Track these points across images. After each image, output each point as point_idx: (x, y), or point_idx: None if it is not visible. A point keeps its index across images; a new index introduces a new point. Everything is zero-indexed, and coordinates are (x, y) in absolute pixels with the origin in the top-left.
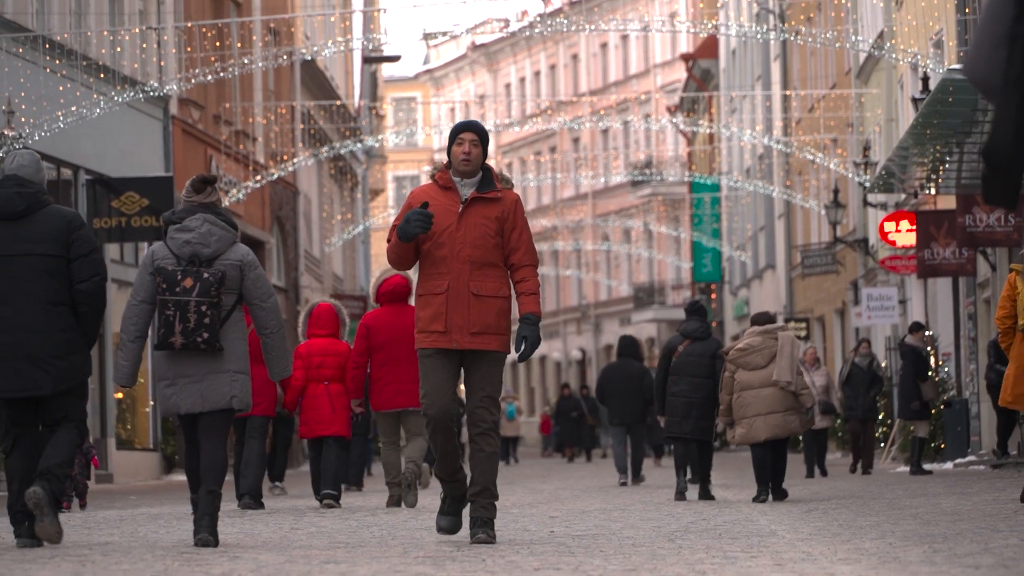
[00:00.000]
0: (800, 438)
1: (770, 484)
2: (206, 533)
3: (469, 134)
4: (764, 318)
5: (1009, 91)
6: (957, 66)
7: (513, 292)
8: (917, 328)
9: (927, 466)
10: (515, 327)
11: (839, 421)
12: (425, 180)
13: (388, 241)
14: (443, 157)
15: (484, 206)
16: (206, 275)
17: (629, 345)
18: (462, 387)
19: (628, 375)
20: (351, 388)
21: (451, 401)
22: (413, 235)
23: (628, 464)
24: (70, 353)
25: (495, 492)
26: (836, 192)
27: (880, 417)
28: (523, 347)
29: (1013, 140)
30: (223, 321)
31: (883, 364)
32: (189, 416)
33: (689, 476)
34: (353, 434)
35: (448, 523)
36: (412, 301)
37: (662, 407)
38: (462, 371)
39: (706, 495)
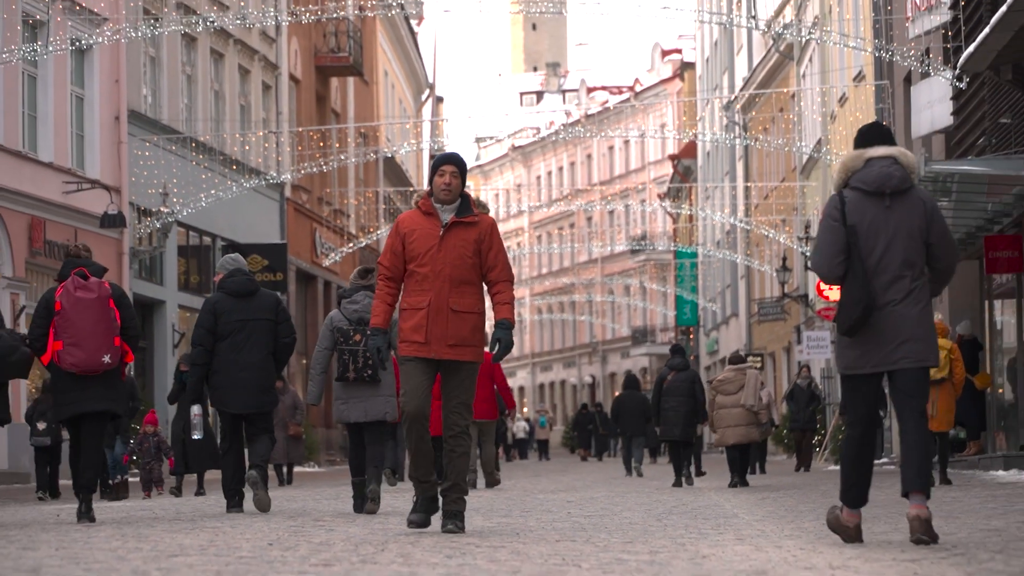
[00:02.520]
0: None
1: (739, 474)
2: (372, 503)
3: (450, 166)
4: (737, 358)
5: (850, 280)
6: None
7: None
8: None
9: (834, 467)
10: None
11: (784, 431)
12: None
13: (380, 268)
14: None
15: (463, 229)
16: (369, 333)
17: (633, 380)
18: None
19: (634, 401)
20: None
21: (427, 401)
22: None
23: (635, 460)
24: (272, 386)
25: (465, 487)
26: (784, 259)
27: (816, 427)
28: (497, 349)
29: (854, 307)
30: (381, 361)
31: (819, 386)
32: (356, 424)
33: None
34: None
35: (419, 519)
36: None
37: (658, 419)
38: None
39: (688, 478)
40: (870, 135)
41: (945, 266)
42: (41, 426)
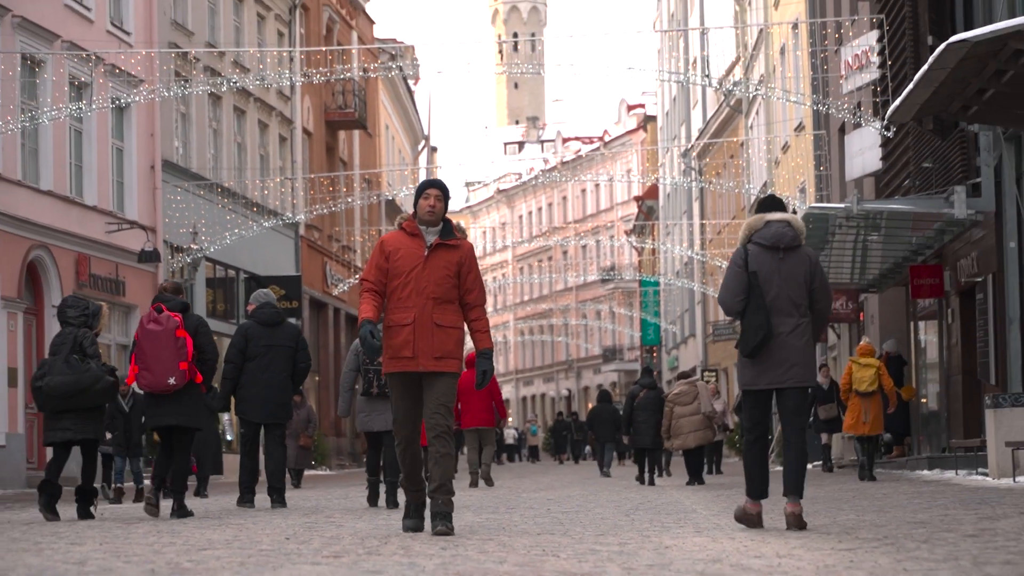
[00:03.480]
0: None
1: (697, 474)
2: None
3: (435, 190)
4: (685, 374)
5: (752, 313)
6: (816, 204)
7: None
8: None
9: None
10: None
11: (736, 436)
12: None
13: (364, 284)
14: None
15: (446, 251)
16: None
17: (605, 394)
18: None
19: (606, 412)
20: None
21: (418, 425)
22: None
23: (604, 463)
24: (289, 402)
25: (451, 488)
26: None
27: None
28: (483, 378)
29: (755, 334)
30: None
31: None
32: (377, 433)
33: (659, 474)
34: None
35: (413, 524)
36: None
37: (628, 428)
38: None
39: (651, 481)
40: (769, 204)
41: (822, 307)
42: (108, 436)
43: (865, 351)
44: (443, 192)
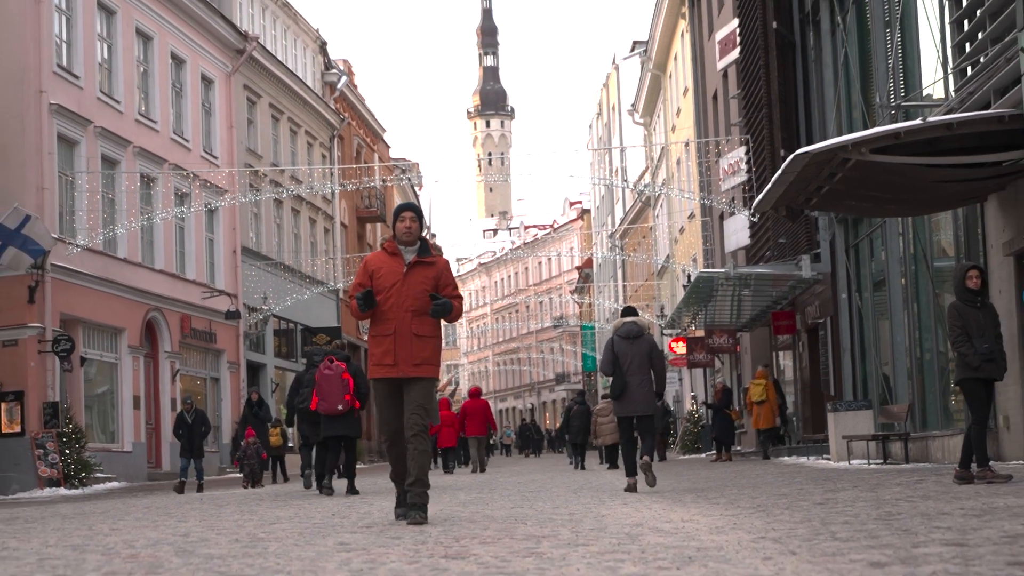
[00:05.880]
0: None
1: (612, 460)
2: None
3: (409, 213)
4: (606, 396)
5: (617, 375)
6: (705, 270)
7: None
8: (722, 390)
9: (684, 457)
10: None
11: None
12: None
13: (351, 299)
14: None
15: (423, 268)
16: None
17: (581, 397)
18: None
19: (581, 415)
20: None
21: (401, 423)
22: (365, 309)
23: (575, 457)
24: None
25: (427, 482)
26: (648, 328)
27: (670, 432)
28: (438, 304)
29: (618, 386)
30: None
31: (671, 407)
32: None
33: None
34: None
35: (403, 512)
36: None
37: (565, 431)
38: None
39: (583, 463)
40: (627, 311)
41: (658, 369)
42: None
43: (759, 375)
44: (417, 214)
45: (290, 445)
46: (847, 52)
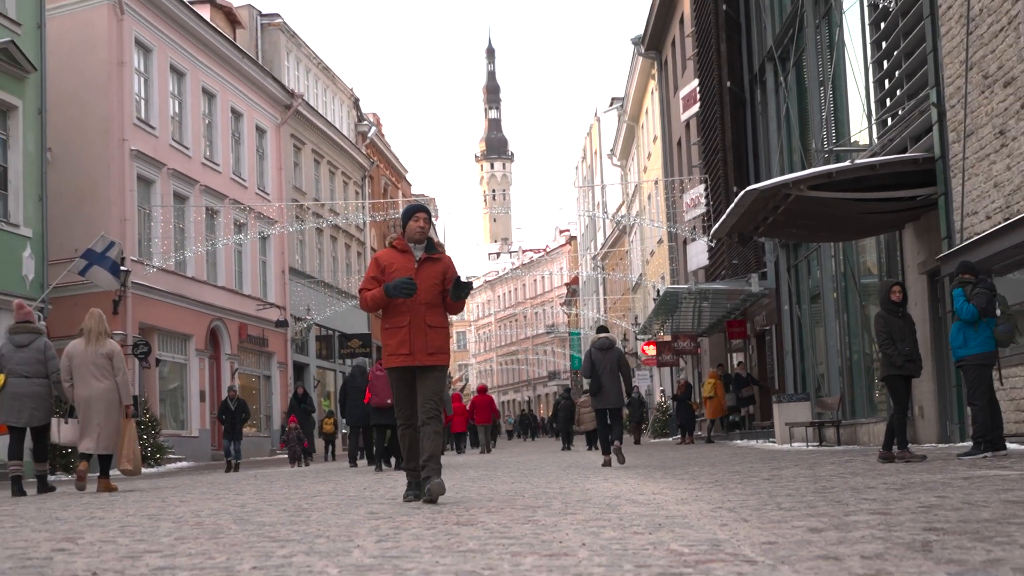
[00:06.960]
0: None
1: (592, 443)
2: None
3: (423, 213)
4: (588, 391)
5: (594, 378)
6: (671, 286)
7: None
8: (684, 385)
9: (655, 440)
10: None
11: (627, 422)
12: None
13: (363, 292)
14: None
15: (432, 264)
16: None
17: (567, 393)
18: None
19: (566, 407)
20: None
21: (415, 409)
22: (396, 296)
23: (563, 442)
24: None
25: (439, 459)
26: (624, 335)
27: (643, 419)
28: (460, 284)
29: (595, 385)
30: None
31: (645, 398)
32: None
33: (571, 445)
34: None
35: (413, 495)
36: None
37: (555, 419)
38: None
39: (569, 446)
40: (601, 328)
41: (626, 375)
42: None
43: (711, 375)
44: (428, 215)
45: (343, 431)
46: (788, 106)
